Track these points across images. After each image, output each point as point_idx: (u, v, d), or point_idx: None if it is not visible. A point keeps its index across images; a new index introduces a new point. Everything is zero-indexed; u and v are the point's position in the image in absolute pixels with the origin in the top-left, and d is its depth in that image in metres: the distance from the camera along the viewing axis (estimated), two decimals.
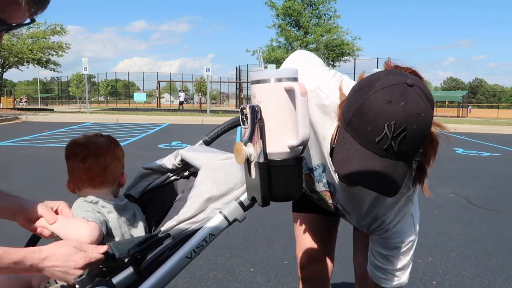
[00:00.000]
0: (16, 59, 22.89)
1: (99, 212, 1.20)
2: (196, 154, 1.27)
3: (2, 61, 23.84)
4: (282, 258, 3.12)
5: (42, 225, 1.13)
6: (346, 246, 3.37)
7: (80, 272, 0.96)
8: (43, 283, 1.17)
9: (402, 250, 1.30)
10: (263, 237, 3.55)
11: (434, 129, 1.07)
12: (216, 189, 1.06)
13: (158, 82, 35.61)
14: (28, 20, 0.77)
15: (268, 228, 3.76)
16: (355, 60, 31.03)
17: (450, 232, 3.81)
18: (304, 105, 0.88)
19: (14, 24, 0.76)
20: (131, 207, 1.32)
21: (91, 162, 1.27)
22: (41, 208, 1.15)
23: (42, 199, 1.20)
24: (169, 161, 1.37)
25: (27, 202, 1.15)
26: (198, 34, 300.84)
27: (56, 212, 1.17)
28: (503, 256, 3.25)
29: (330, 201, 1.45)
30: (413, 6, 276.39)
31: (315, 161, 1.37)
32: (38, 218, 1.15)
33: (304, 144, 0.91)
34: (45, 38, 23.34)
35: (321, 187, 1.43)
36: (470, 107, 39.29)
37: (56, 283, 1.11)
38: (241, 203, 1.02)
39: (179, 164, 1.35)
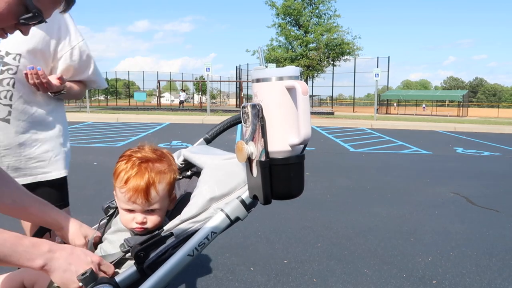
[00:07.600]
0: None
1: None
2: (198, 154, 1.27)
3: None
4: (282, 257, 3.12)
5: None
6: (346, 246, 3.40)
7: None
8: (37, 284, 1.14)
9: None
10: (263, 236, 3.55)
11: None
12: (218, 189, 1.06)
13: (158, 81, 35.59)
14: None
15: (268, 227, 3.77)
16: (355, 59, 31.09)
17: (450, 231, 3.81)
18: (306, 104, 0.88)
19: (42, 20, 0.79)
20: None
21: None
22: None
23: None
24: None
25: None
26: (201, 33, 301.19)
27: None
28: (503, 256, 3.25)
29: None
30: (414, 6, 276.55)
31: None
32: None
33: (306, 142, 0.91)
34: None
35: None
36: (424, 105, 41.50)
37: None
38: (242, 201, 1.03)
39: (181, 164, 1.35)
